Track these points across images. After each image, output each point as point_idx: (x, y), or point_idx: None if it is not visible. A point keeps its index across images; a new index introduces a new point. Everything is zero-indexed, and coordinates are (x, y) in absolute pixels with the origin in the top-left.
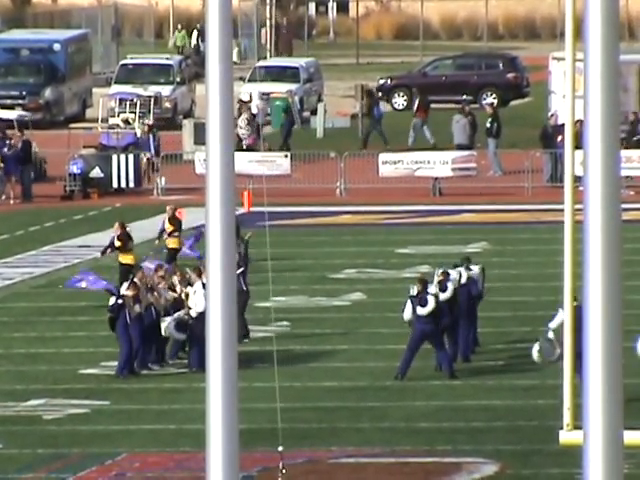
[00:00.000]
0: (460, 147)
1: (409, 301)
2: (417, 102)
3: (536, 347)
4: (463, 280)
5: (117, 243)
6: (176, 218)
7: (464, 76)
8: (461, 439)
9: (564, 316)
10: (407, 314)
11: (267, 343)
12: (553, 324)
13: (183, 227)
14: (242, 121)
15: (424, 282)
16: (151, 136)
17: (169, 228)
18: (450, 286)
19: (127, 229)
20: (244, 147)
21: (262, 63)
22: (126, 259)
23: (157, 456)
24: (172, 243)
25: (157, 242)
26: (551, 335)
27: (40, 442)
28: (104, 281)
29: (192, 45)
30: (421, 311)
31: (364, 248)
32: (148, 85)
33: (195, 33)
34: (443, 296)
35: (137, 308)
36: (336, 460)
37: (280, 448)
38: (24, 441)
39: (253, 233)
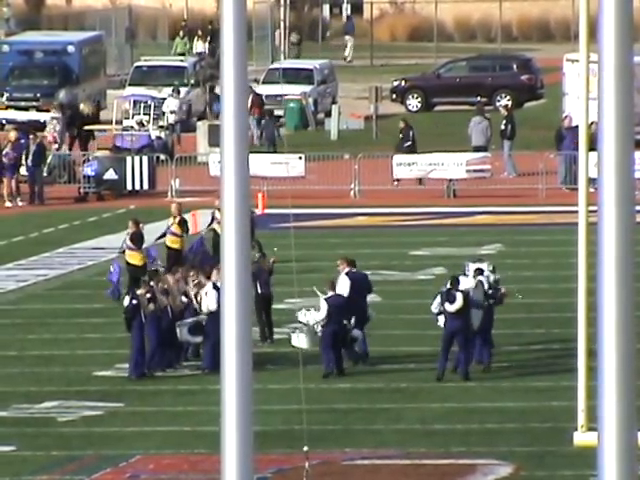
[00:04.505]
0: (478, 149)
1: (439, 296)
2: (251, 98)
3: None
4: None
5: (129, 242)
6: (183, 219)
7: (478, 78)
8: (475, 441)
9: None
10: (435, 307)
11: (282, 345)
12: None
13: (198, 229)
14: (52, 121)
15: (456, 280)
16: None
17: (176, 229)
18: (484, 281)
19: (140, 227)
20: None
21: (276, 65)
22: (134, 259)
23: (171, 458)
24: (174, 243)
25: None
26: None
27: (54, 444)
28: (115, 278)
29: (194, 49)
30: (449, 307)
31: (378, 250)
32: (162, 87)
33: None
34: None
35: (151, 306)
36: (351, 462)
37: (305, 448)
38: (38, 443)
39: (276, 258)
